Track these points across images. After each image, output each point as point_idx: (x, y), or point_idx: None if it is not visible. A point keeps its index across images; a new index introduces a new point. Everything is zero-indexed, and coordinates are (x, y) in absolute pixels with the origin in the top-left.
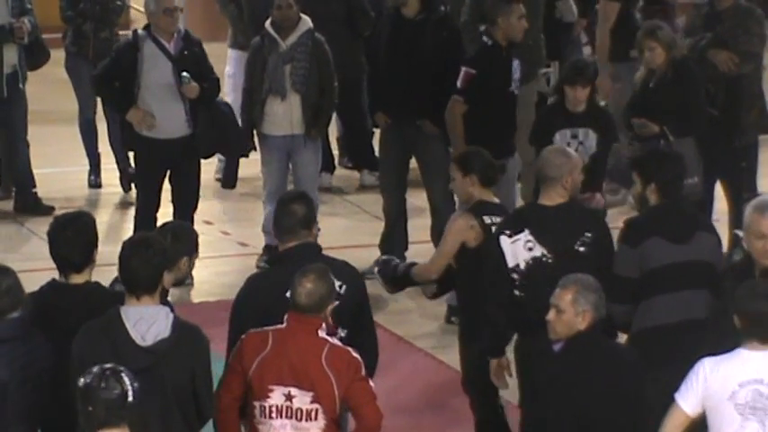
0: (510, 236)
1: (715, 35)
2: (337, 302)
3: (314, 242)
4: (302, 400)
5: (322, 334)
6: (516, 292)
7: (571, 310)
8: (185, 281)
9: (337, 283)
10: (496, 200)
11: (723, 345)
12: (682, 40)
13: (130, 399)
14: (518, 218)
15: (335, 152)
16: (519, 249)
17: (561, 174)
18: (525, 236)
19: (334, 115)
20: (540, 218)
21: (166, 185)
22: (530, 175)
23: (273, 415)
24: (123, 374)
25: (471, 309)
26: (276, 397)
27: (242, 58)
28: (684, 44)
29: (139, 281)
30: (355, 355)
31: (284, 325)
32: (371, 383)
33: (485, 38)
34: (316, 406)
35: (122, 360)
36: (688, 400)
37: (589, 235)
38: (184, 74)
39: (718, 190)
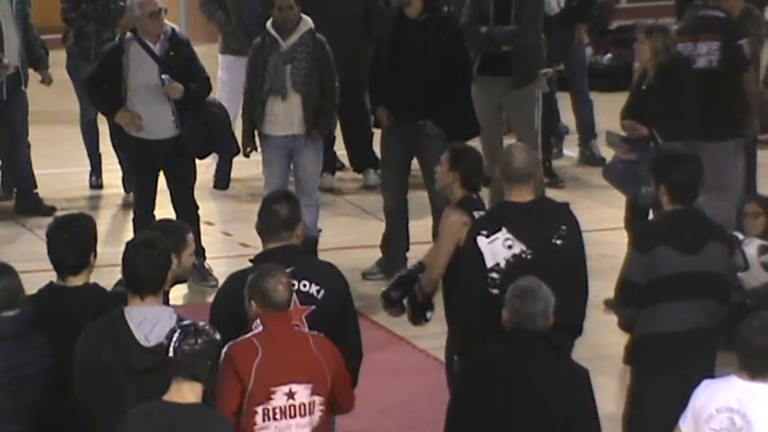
0: (487, 236)
1: None
2: (313, 307)
3: (296, 244)
4: (303, 393)
5: (295, 326)
6: (495, 291)
7: None
8: (186, 278)
9: (314, 288)
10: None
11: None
12: (674, 47)
13: (170, 354)
14: (494, 217)
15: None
16: (498, 248)
17: (532, 170)
18: (503, 234)
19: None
20: (517, 215)
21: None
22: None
23: (278, 416)
24: (177, 333)
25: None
26: (278, 398)
27: (235, 63)
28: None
29: (144, 281)
30: (329, 341)
31: (261, 329)
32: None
33: (718, 13)
34: (315, 398)
35: (126, 360)
36: (687, 421)
37: (564, 228)
38: (164, 75)
39: None
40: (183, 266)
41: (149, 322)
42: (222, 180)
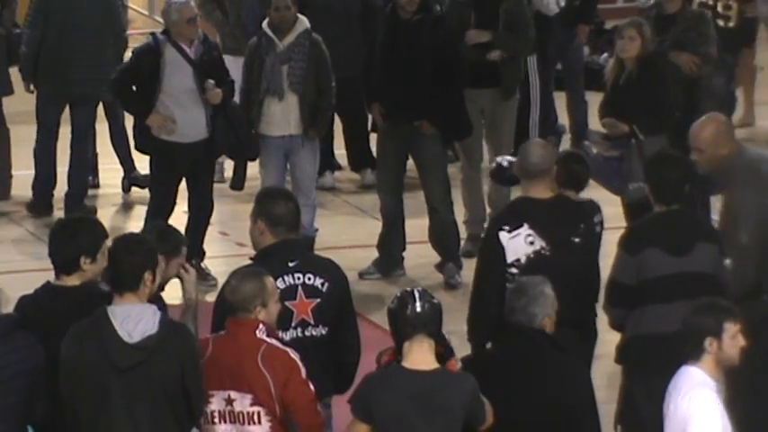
0: (509, 231)
1: (674, 38)
2: (318, 300)
3: (297, 238)
4: (242, 403)
5: (260, 335)
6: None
7: None
8: (164, 285)
9: (319, 281)
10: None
11: None
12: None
13: (419, 311)
14: (515, 212)
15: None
16: (520, 244)
17: (550, 166)
18: (525, 230)
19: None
20: (538, 211)
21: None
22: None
23: (216, 420)
24: (417, 292)
25: None
26: (216, 402)
27: (233, 63)
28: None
29: (121, 278)
30: (293, 356)
31: (224, 331)
32: (311, 387)
33: None
34: (257, 409)
35: (110, 358)
36: None
37: (582, 226)
38: (210, 81)
39: None
40: (169, 274)
41: (133, 319)
42: (239, 181)
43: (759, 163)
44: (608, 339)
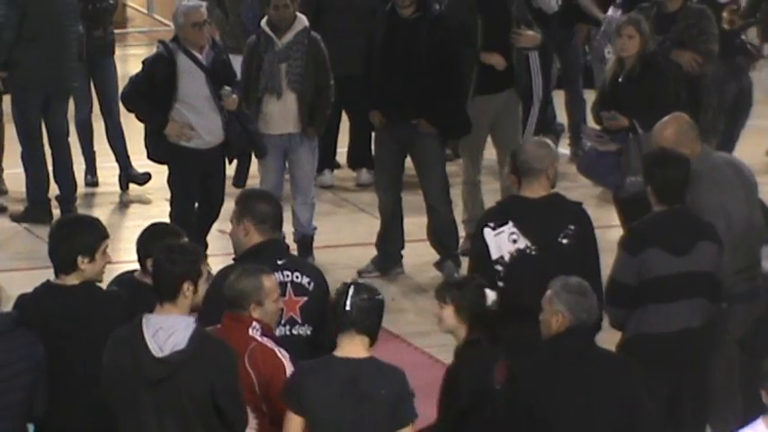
0: (494, 228)
1: (675, 36)
2: (306, 298)
3: (280, 240)
4: None
5: (252, 332)
6: (499, 284)
7: (547, 309)
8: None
9: (306, 279)
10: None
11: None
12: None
13: (347, 308)
14: (501, 210)
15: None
16: (503, 241)
17: (545, 165)
18: (509, 228)
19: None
20: (524, 210)
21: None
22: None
23: None
24: (352, 289)
25: None
26: None
27: (233, 61)
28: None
29: (160, 287)
30: (280, 355)
31: (220, 326)
32: None
33: None
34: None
35: (140, 370)
36: None
37: (572, 228)
38: (227, 88)
39: None
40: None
41: (165, 332)
42: (241, 179)
43: (724, 165)
44: (608, 339)
